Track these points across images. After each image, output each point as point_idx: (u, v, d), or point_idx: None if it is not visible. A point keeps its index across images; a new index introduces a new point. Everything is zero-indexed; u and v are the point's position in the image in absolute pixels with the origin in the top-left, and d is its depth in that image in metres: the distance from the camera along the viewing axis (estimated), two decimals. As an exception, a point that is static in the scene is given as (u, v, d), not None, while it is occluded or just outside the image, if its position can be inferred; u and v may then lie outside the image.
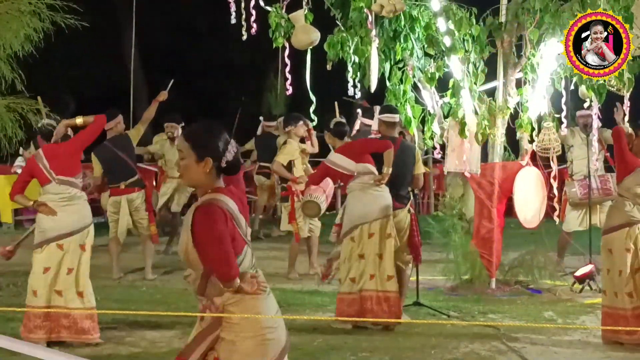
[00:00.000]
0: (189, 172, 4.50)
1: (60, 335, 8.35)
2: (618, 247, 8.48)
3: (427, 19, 11.15)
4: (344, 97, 11.99)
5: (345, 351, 8.08)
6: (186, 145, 4.46)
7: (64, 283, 8.42)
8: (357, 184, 9.35)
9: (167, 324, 9.14)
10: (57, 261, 8.42)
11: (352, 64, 11.30)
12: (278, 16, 11.21)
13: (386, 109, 10.09)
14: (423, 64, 11.34)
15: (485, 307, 10.32)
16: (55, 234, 8.41)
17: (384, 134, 9.77)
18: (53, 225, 8.42)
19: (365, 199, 9.29)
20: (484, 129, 11.20)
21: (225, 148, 4.45)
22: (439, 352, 8.26)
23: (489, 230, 11.26)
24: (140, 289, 11.00)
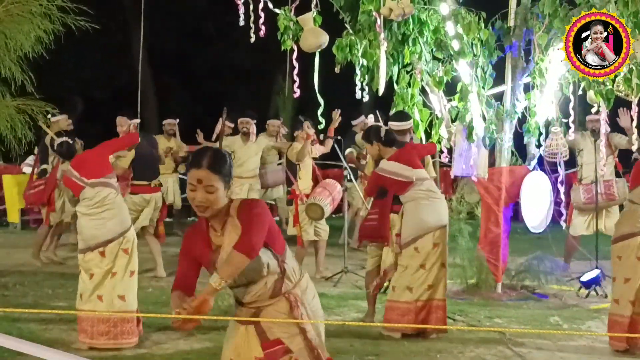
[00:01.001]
0: (220, 201, 4.59)
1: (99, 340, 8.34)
2: (628, 256, 8.44)
3: (436, 22, 11.15)
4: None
5: (351, 355, 8.08)
6: (216, 178, 4.53)
7: (105, 287, 8.38)
8: (417, 191, 9.26)
9: (173, 326, 9.13)
10: (101, 266, 8.39)
11: (361, 67, 11.31)
12: (287, 19, 11.22)
13: (396, 117, 10.11)
14: (431, 68, 11.34)
15: (492, 311, 10.31)
16: (95, 241, 8.39)
17: None
18: (94, 233, 8.40)
19: (428, 207, 9.20)
20: (492, 133, 11.21)
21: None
22: (445, 356, 8.26)
23: (496, 235, 11.25)
24: (147, 290, 10.99)
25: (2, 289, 11.19)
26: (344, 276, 12.18)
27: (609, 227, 12.33)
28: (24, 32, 4.07)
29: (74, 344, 8.35)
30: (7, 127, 3.79)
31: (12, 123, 4.01)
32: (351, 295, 11.16)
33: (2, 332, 6.40)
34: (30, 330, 8.86)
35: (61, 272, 12.41)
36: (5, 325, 8.81)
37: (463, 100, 11.15)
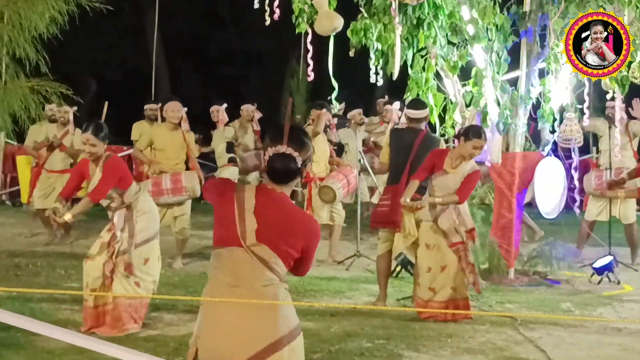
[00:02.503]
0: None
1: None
2: None
3: (451, 7, 11.11)
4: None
5: (361, 338, 8.08)
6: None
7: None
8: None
9: (185, 307, 9.17)
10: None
11: (375, 51, 11.28)
12: (301, 2, 11.19)
13: (412, 105, 10.10)
14: (446, 52, 11.31)
15: (503, 297, 10.31)
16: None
17: (409, 125, 9.87)
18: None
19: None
20: (506, 118, 11.18)
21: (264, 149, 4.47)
22: (455, 340, 8.26)
23: (509, 220, 11.24)
24: (159, 271, 11.02)
25: (15, 269, 11.23)
26: (356, 260, 12.19)
27: (623, 213, 12.34)
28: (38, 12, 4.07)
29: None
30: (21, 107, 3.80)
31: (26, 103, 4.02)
32: (362, 279, 11.18)
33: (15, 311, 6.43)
34: (42, 310, 8.90)
35: (73, 253, 12.44)
36: (17, 305, 8.85)
37: (477, 85, 11.13)
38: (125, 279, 8.29)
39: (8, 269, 11.23)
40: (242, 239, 4.29)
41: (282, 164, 4.37)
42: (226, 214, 4.36)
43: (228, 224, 4.33)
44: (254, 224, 4.30)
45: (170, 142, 11.54)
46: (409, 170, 9.50)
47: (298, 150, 4.37)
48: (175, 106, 11.67)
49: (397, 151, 9.91)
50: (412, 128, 9.84)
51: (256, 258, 4.29)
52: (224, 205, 4.39)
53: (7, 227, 13.61)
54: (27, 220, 14.41)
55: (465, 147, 9.01)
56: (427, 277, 9.14)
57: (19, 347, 7.45)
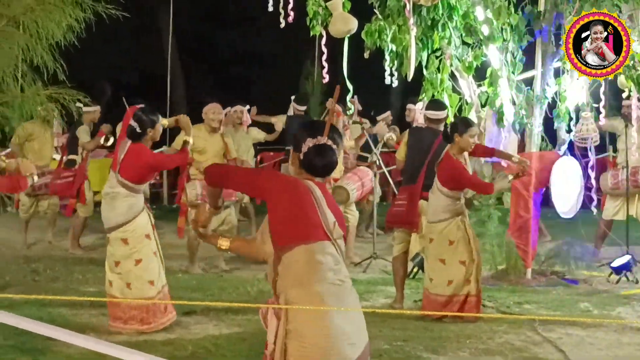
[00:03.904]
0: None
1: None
2: None
3: (466, 7, 11.10)
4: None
5: (379, 340, 8.07)
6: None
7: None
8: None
9: (202, 310, 9.17)
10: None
11: (390, 52, 11.27)
12: (316, 4, 11.20)
13: (431, 105, 10.10)
14: (461, 53, 11.29)
15: (521, 297, 10.28)
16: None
17: (428, 125, 9.86)
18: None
19: None
20: (522, 118, 11.16)
21: (303, 142, 4.47)
22: (474, 342, 8.25)
23: (526, 220, 11.22)
24: (176, 275, 11.04)
25: (33, 274, 11.27)
26: (373, 262, 12.19)
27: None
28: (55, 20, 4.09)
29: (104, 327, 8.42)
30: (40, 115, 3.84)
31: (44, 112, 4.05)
32: (380, 281, 11.17)
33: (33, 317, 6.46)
34: (60, 315, 8.91)
35: (91, 258, 12.49)
36: (35, 310, 8.87)
37: (493, 86, 11.12)
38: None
39: (26, 274, 11.27)
40: (328, 232, 4.30)
41: (324, 155, 4.39)
42: (305, 209, 4.33)
43: (310, 218, 4.32)
44: (332, 217, 4.34)
45: (210, 144, 11.47)
46: (426, 170, 9.48)
47: (335, 144, 4.41)
48: (216, 108, 11.56)
49: (415, 151, 9.90)
50: (431, 129, 9.83)
51: (340, 251, 4.32)
52: (300, 199, 4.35)
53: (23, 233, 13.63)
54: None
55: (464, 140, 9.01)
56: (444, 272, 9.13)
57: (37, 353, 7.48)
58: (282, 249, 4.35)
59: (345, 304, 4.33)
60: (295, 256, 4.32)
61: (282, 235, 4.35)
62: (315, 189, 4.38)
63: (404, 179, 10.30)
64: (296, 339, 4.30)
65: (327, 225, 4.32)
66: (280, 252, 4.36)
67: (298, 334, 4.30)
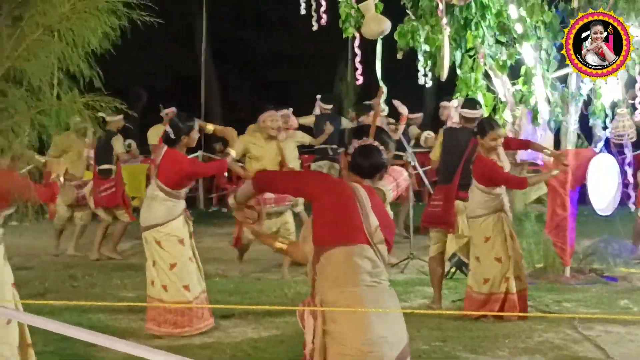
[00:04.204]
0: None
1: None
2: None
3: (499, 6, 11.07)
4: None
5: (418, 341, 8.07)
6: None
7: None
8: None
9: (240, 314, 9.20)
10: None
11: (423, 52, 11.27)
12: (348, 6, 11.22)
13: (467, 104, 10.05)
14: (494, 52, 11.26)
15: (559, 295, 10.24)
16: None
17: (464, 125, 9.82)
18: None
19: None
20: (557, 116, 11.12)
21: (350, 144, 4.56)
22: (513, 341, 8.22)
23: (563, 218, 11.16)
24: (213, 278, 11.07)
25: (72, 280, 11.34)
26: (410, 262, 12.17)
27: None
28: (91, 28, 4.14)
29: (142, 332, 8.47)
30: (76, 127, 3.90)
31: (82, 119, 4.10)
32: (417, 281, 11.15)
33: (73, 323, 6.51)
34: (99, 320, 8.98)
35: (129, 263, 12.57)
36: (75, 316, 8.95)
37: (527, 84, 11.08)
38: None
39: (65, 280, 11.35)
40: (369, 235, 4.31)
41: (368, 156, 4.43)
42: (348, 211, 4.36)
43: (352, 220, 4.34)
44: (376, 221, 4.35)
45: (266, 151, 11.46)
46: (462, 170, 9.46)
47: (383, 145, 4.44)
48: (273, 116, 11.52)
49: (450, 150, 9.87)
50: (466, 128, 9.78)
51: (380, 255, 4.32)
52: (343, 201, 4.38)
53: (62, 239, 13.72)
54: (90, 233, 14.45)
55: (486, 142, 9.00)
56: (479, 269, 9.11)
57: (78, 359, 7.54)
58: (322, 248, 4.39)
59: (382, 305, 4.34)
60: (333, 257, 4.35)
61: (322, 235, 4.39)
62: (360, 191, 4.40)
63: (439, 179, 10.29)
64: (335, 340, 4.32)
65: (368, 228, 4.34)
66: (319, 252, 4.40)
67: (337, 335, 4.31)
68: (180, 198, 8.56)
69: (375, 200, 4.47)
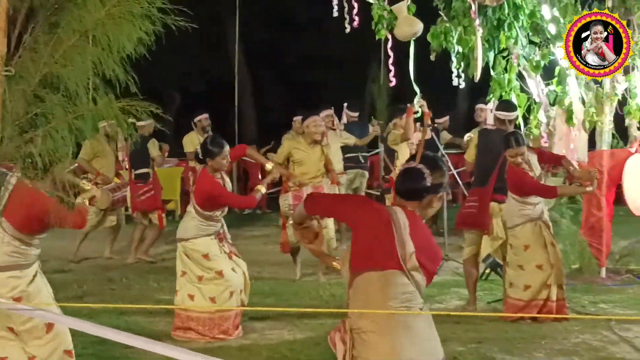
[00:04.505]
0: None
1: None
2: None
3: (532, 6, 11.05)
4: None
5: (453, 343, 8.06)
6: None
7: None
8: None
9: (276, 316, 9.23)
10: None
11: (456, 54, 11.26)
12: (380, 8, 11.23)
13: (502, 106, 10.02)
14: (528, 52, 11.24)
15: (596, 296, 10.19)
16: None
17: (499, 127, 9.79)
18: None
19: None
20: (592, 116, 11.07)
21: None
22: (549, 342, 8.20)
23: (598, 219, 11.11)
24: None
25: (109, 283, 11.42)
26: (445, 264, 12.14)
27: None
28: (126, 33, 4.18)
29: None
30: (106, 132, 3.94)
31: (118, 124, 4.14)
32: (452, 283, 11.14)
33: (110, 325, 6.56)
34: (136, 323, 9.04)
35: (165, 266, 12.63)
36: (113, 318, 9.01)
37: (561, 84, 11.05)
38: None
39: (102, 283, 11.43)
40: (402, 261, 4.27)
41: (409, 178, 4.40)
42: (382, 237, 4.32)
43: (385, 246, 4.30)
44: (412, 247, 4.29)
45: (309, 156, 11.49)
46: (498, 173, 9.42)
47: (432, 169, 4.39)
48: (317, 121, 11.55)
49: (485, 152, 9.84)
50: (502, 130, 9.74)
51: (413, 282, 4.29)
52: (379, 227, 4.35)
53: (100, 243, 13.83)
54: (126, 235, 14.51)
55: (507, 155, 8.98)
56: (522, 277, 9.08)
57: (115, 360, 7.61)
58: (355, 272, 4.40)
59: (412, 325, 4.31)
60: (363, 281, 4.35)
61: (356, 259, 4.40)
62: (399, 215, 4.35)
63: (474, 181, 10.26)
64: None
65: (402, 254, 4.29)
66: (353, 277, 4.41)
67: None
68: (211, 219, 8.60)
69: (417, 225, 4.38)
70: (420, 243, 4.33)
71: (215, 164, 8.48)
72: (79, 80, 4.30)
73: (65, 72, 4.26)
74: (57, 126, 4.24)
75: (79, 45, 4.28)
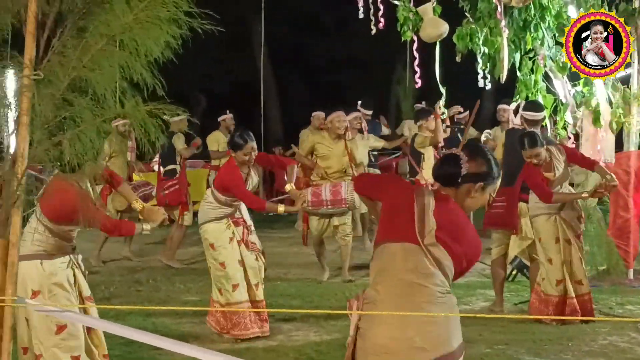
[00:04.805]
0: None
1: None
2: None
3: (558, 7, 11.03)
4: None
5: (480, 344, 8.06)
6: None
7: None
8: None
9: (302, 317, 9.25)
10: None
11: (482, 55, 11.25)
12: (406, 10, 11.24)
13: (529, 106, 9.96)
14: (554, 53, 11.21)
15: (623, 298, 10.15)
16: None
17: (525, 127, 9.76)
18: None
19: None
20: (619, 117, 11.03)
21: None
22: (577, 344, 8.17)
23: (626, 220, 11.07)
24: (275, 282, 11.13)
25: (136, 285, 11.47)
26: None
27: None
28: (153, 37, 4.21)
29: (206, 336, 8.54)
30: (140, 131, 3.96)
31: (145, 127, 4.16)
32: (478, 284, 11.12)
33: (137, 327, 6.60)
34: (163, 324, 9.07)
35: (192, 268, 12.67)
36: (140, 320, 9.06)
37: (588, 85, 11.01)
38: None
39: (129, 285, 11.48)
40: (419, 236, 4.25)
41: (445, 163, 4.44)
42: (403, 212, 4.33)
43: (405, 221, 4.29)
44: (433, 224, 4.26)
45: (334, 150, 11.57)
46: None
47: (470, 157, 4.39)
48: (340, 116, 11.63)
49: (512, 152, 9.80)
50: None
51: (432, 257, 4.27)
52: (402, 202, 4.36)
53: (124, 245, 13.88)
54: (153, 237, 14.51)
55: (525, 155, 8.94)
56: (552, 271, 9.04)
57: (143, 362, 7.65)
58: (375, 244, 4.43)
59: (419, 305, 4.20)
60: (379, 252, 4.36)
61: (379, 232, 4.42)
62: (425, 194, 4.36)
63: (501, 181, 10.24)
64: (361, 336, 4.31)
65: (420, 229, 4.27)
66: (375, 247, 4.44)
67: (363, 332, 4.31)
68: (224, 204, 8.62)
69: (448, 208, 4.34)
70: (445, 223, 4.28)
71: (237, 157, 8.53)
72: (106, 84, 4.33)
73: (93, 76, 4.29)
74: (86, 129, 4.27)
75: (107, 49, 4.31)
